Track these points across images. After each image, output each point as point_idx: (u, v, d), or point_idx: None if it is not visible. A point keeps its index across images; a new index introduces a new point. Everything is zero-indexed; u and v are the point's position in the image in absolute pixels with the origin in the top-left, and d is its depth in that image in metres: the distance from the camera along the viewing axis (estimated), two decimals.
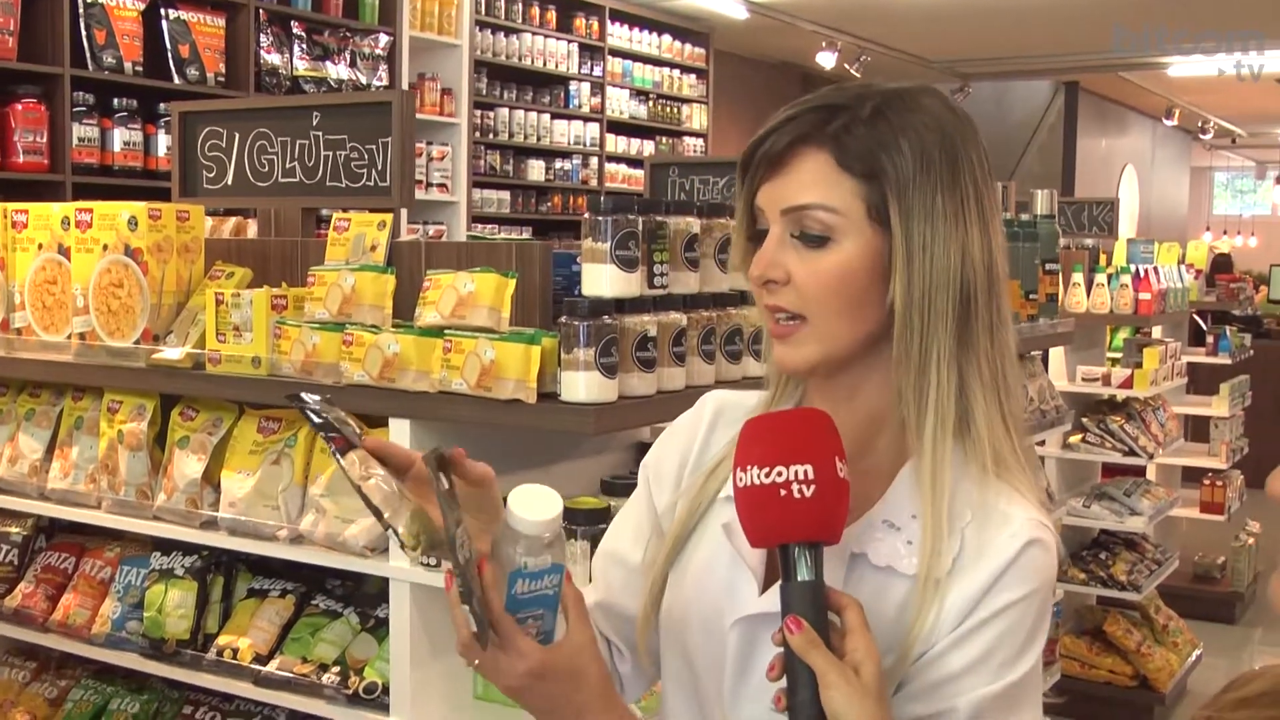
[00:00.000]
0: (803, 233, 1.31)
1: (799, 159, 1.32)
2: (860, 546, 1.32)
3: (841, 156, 1.30)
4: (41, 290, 3.01)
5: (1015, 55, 13.88)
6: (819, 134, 1.31)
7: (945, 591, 1.28)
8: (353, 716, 2.56)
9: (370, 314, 2.55)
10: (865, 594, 1.29)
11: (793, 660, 1.17)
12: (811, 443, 1.21)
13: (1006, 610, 1.27)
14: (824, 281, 1.30)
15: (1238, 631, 7.01)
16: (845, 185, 1.30)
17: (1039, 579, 1.29)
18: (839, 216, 1.30)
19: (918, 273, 1.29)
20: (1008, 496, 1.31)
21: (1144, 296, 5.83)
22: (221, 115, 3.24)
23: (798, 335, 1.33)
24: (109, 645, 2.90)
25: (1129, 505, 5.69)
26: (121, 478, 2.90)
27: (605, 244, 2.30)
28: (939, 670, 1.27)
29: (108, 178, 5.89)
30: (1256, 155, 24.04)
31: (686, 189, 4.50)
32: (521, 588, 1.25)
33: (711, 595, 1.39)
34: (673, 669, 1.44)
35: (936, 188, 1.30)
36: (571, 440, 2.72)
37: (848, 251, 1.30)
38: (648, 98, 10.65)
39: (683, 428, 1.54)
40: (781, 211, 1.32)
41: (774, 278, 1.32)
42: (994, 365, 1.33)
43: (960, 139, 1.33)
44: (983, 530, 1.29)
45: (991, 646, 1.27)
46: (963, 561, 1.28)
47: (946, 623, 1.27)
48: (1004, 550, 1.28)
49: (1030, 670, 1.29)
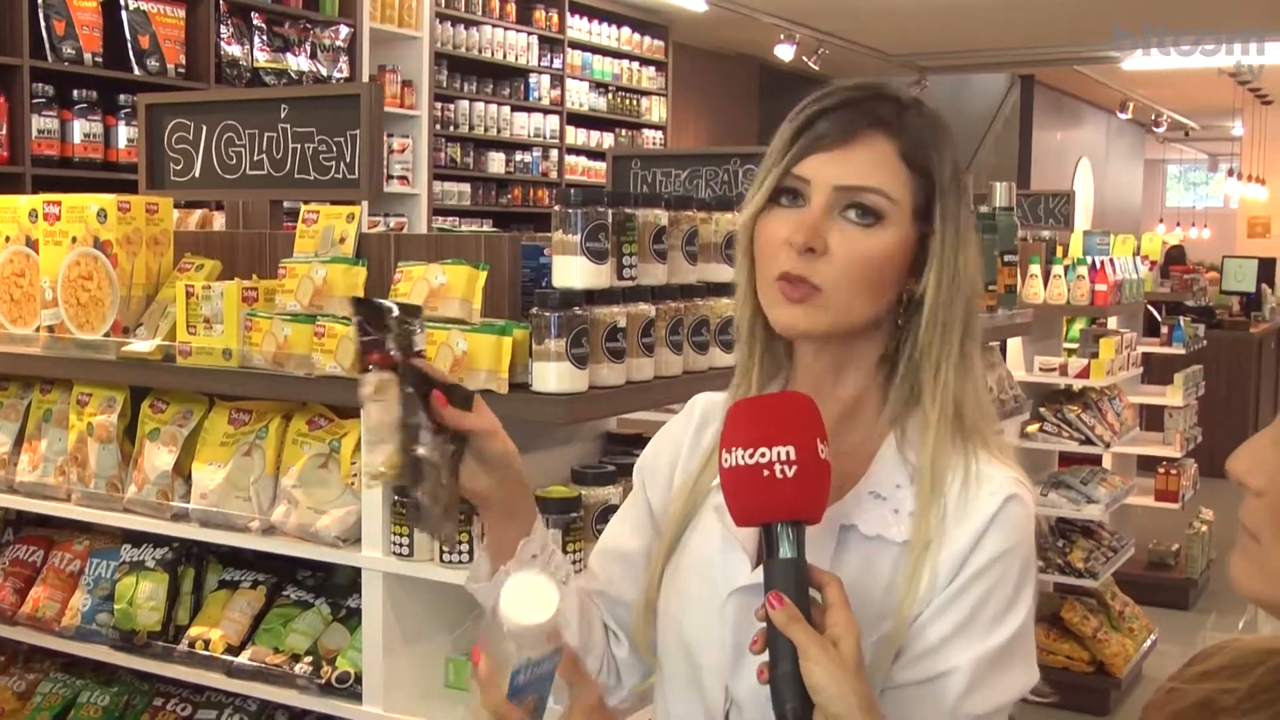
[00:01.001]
0: (855, 209, 1.35)
1: (864, 141, 1.36)
2: (849, 519, 1.37)
3: (906, 147, 1.36)
4: (9, 283, 3.01)
5: (972, 49, 13.98)
6: (887, 120, 1.36)
7: (936, 554, 1.33)
8: (326, 706, 2.58)
9: (341, 305, 2.57)
10: (856, 564, 1.35)
11: (775, 635, 1.21)
12: (794, 425, 1.25)
13: (991, 566, 1.33)
14: (859, 261, 1.35)
15: (1191, 617, 7.12)
16: (902, 176, 1.36)
17: (1019, 533, 1.35)
18: (892, 204, 1.35)
19: (947, 275, 1.37)
20: (984, 458, 1.38)
21: (1100, 288, 5.91)
22: (189, 107, 3.24)
23: (813, 301, 1.36)
24: (79, 638, 2.91)
25: (1086, 493, 5.77)
26: (91, 470, 2.90)
27: (575, 236, 2.33)
28: (933, 634, 1.33)
29: (68, 170, 5.85)
30: (1208, 148, 24.30)
31: (649, 181, 4.52)
32: (522, 679, 1.26)
33: (708, 575, 1.43)
34: (672, 651, 1.48)
35: (960, 199, 1.39)
36: (540, 430, 2.75)
37: (890, 238, 1.36)
38: (607, 90, 10.66)
39: (673, 429, 1.60)
40: (836, 188, 1.35)
41: (815, 246, 1.35)
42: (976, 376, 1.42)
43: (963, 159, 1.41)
44: (963, 491, 1.36)
45: (979, 604, 1.33)
46: (947, 523, 1.35)
47: (937, 582, 1.33)
48: (984, 508, 1.34)
49: (1022, 623, 1.35)
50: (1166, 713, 1.09)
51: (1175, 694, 1.10)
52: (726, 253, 2.73)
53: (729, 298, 2.71)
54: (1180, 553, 7.38)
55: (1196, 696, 1.07)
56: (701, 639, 1.43)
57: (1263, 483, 0.94)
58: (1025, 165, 15.96)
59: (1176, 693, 1.10)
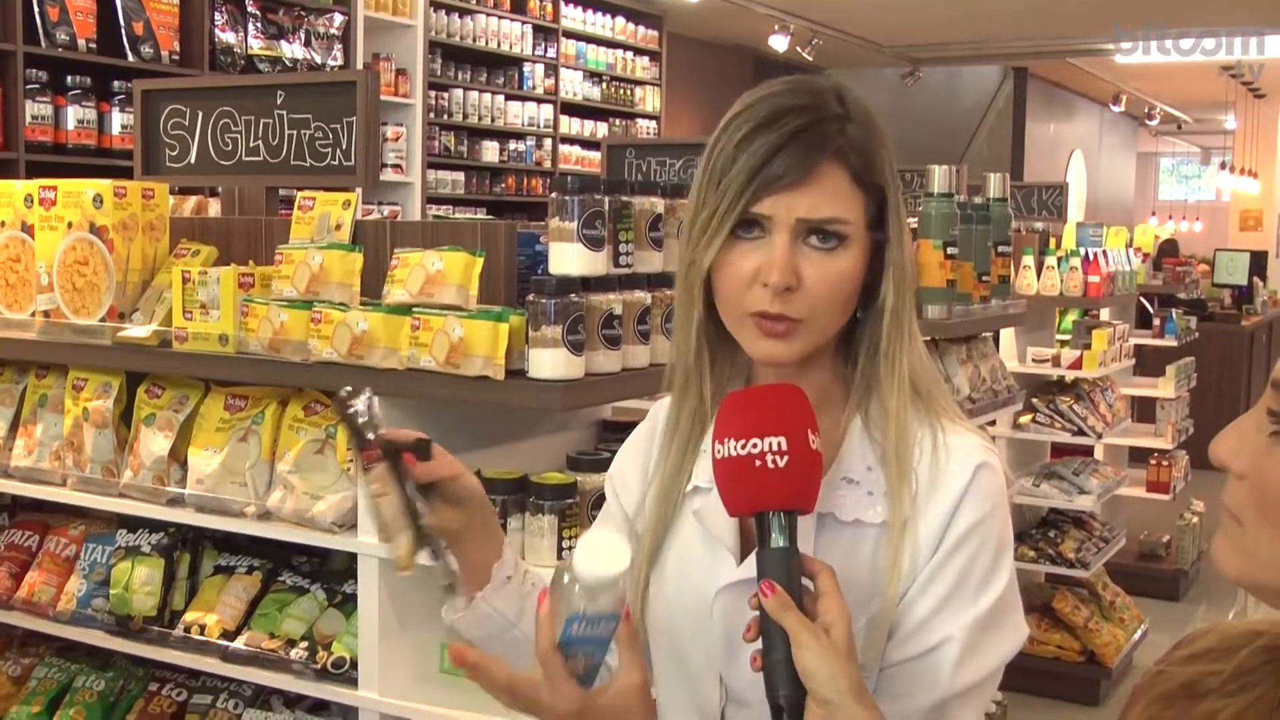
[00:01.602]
0: (820, 236, 1.35)
1: (819, 174, 1.35)
2: (826, 506, 1.37)
3: (855, 171, 1.36)
4: (4, 268, 3.01)
5: (965, 41, 13.98)
6: (831, 146, 1.35)
7: (914, 531, 1.36)
8: (321, 691, 2.59)
9: (338, 292, 2.57)
10: (839, 549, 1.36)
11: (767, 622, 1.22)
12: (785, 416, 1.26)
13: (970, 535, 1.36)
14: (832, 285, 1.36)
15: (1182, 608, 7.15)
16: (858, 198, 1.37)
17: (991, 500, 1.38)
18: (850, 225, 1.36)
19: (897, 274, 1.40)
20: (947, 429, 1.41)
21: (1093, 279, 5.93)
22: (184, 94, 3.24)
23: (794, 334, 1.37)
24: (75, 623, 2.91)
25: (1078, 484, 5.79)
26: (87, 455, 2.90)
27: (572, 223, 2.33)
28: (922, 607, 1.35)
29: (61, 156, 5.83)
30: (1201, 141, 24.35)
31: (644, 170, 4.53)
32: (576, 630, 1.27)
33: (693, 577, 1.44)
34: (663, 655, 1.49)
35: (898, 194, 1.40)
36: (534, 417, 2.76)
37: (852, 257, 1.37)
38: (601, 79, 10.66)
39: (639, 437, 1.61)
40: (799, 219, 1.34)
41: (791, 285, 1.35)
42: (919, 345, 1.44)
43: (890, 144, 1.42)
44: (933, 465, 1.38)
45: (963, 572, 1.35)
46: (920, 499, 1.37)
47: (919, 558, 1.35)
48: (956, 479, 1.37)
49: (1006, 586, 1.37)
50: (1153, 695, 1.10)
51: (1162, 676, 1.11)
52: None
53: None
54: (1171, 544, 7.41)
55: (1183, 679, 1.08)
56: (692, 641, 1.44)
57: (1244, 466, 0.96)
58: (1018, 157, 15.97)
59: (1164, 675, 1.11)
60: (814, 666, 1.19)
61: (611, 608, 1.28)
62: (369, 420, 1.43)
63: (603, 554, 1.27)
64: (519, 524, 2.38)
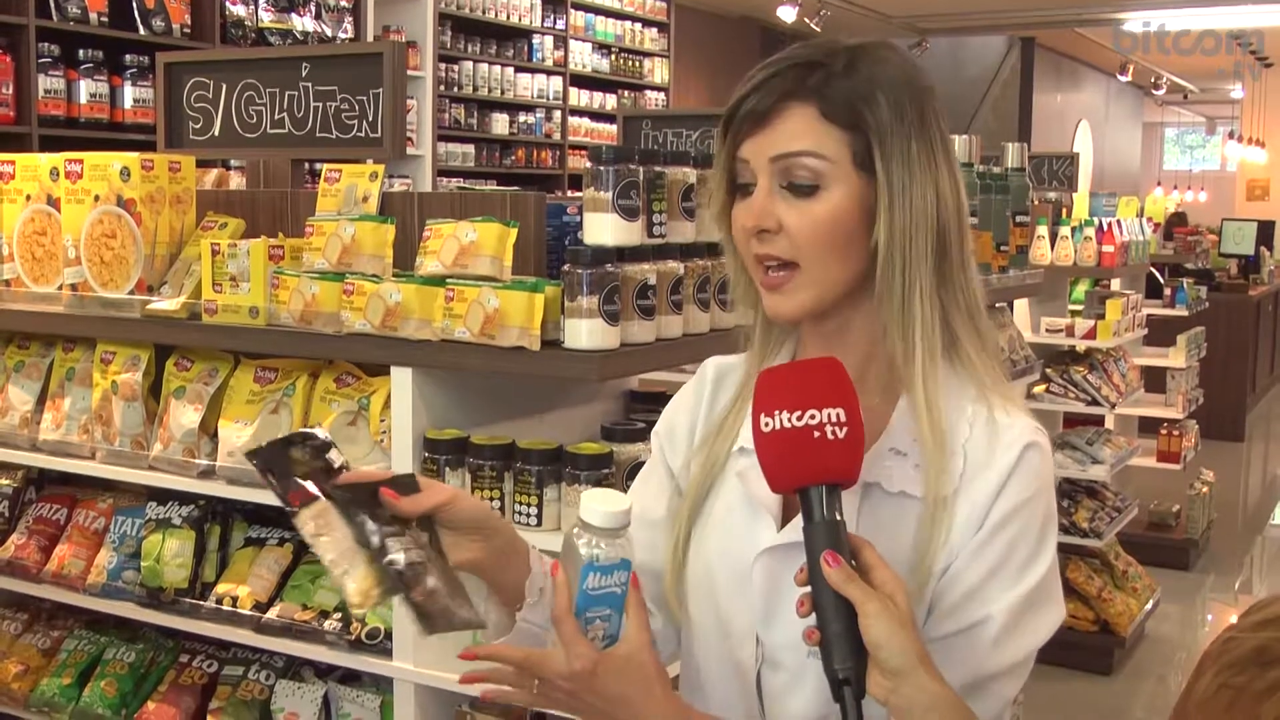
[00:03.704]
0: (791, 182, 1.36)
1: (785, 113, 1.37)
2: (872, 476, 1.38)
3: (825, 108, 1.36)
4: (30, 241, 3.01)
5: (973, 11, 13.93)
6: (801, 89, 1.37)
7: (957, 507, 1.35)
8: (356, 662, 2.60)
9: (370, 263, 2.57)
10: (882, 520, 1.37)
11: (823, 595, 1.22)
12: (837, 387, 1.26)
13: (1016, 514, 1.35)
14: (816, 228, 1.36)
15: (1191, 578, 7.16)
16: (832, 135, 1.36)
17: (1040, 480, 1.37)
18: (828, 163, 1.36)
19: (899, 215, 1.36)
20: (1000, 408, 1.40)
21: (1107, 249, 5.92)
22: (208, 66, 3.23)
23: (791, 284, 1.39)
24: (105, 595, 2.92)
25: (1091, 454, 5.80)
26: (116, 428, 2.91)
27: (607, 193, 2.33)
28: (964, 583, 1.34)
29: (74, 130, 5.83)
30: (1207, 111, 24.27)
31: (659, 141, 4.52)
32: (593, 581, 1.29)
33: (735, 539, 1.45)
34: (701, 615, 1.49)
35: (910, 134, 1.37)
36: (564, 388, 2.76)
37: (837, 198, 1.36)
38: (610, 51, 10.62)
39: (688, 393, 1.61)
40: (771, 159, 1.37)
41: (767, 226, 1.37)
42: (969, 296, 1.42)
43: (922, 89, 1.40)
44: (983, 443, 1.37)
45: (1008, 551, 1.35)
46: (968, 476, 1.36)
47: (964, 534, 1.35)
48: (1005, 458, 1.36)
49: (1049, 568, 1.37)
50: (1223, 662, 1.10)
51: (1233, 643, 1.11)
52: None
53: None
54: (1181, 514, 7.42)
55: (1254, 644, 1.07)
56: (730, 602, 1.45)
57: None
58: (1025, 128, 15.93)
59: (1234, 642, 1.11)
60: (883, 636, 1.20)
61: (619, 553, 1.30)
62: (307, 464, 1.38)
63: (604, 501, 1.30)
64: (555, 494, 2.39)
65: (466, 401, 2.56)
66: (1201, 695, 1.00)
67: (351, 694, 2.71)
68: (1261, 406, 12.22)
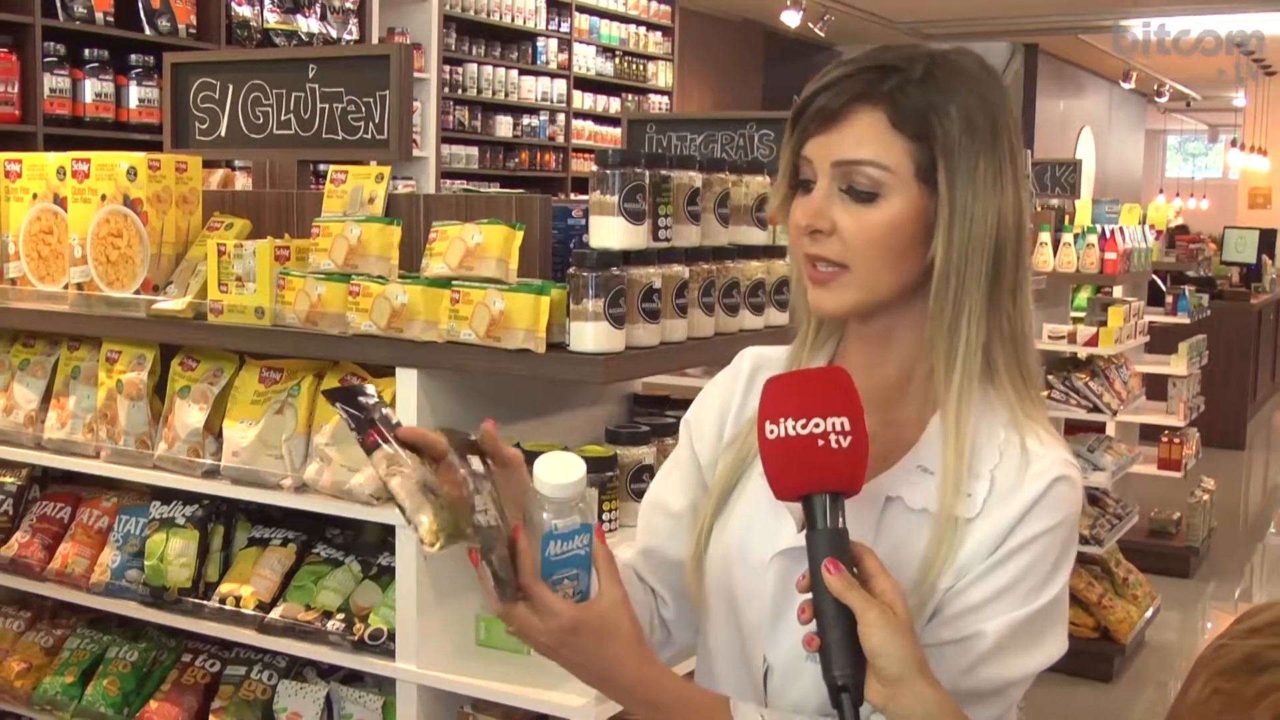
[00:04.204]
0: (851, 187, 1.36)
1: (853, 115, 1.36)
2: (896, 490, 1.37)
3: (895, 116, 1.35)
4: (37, 240, 3.02)
5: (976, 17, 13.95)
6: (874, 92, 1.35)
7: (975, 529, 1.34)
8: (359, 663, 2.60)
9: (376, 265, 2.58)
10: (898, 535, 1.36)
11: (824, 602, 1.22)
12: (842, 397, 1.26)
13: (1034, 541, 1.34)
14: (870, 236, 1.36)
15: (1192, 585, 7.17)
16: (897, 144, 1.35)
17: (1065, 511, 1.36)
18: (889, 174, 1.35)
19: (959, 233, 1.35)
20: (1034, 437, 1.38)
21: (1110, 256, 5.93)
22: (215, 67, 3.24)
23: (838, 281, 1.39)
24: (109, 594, 2.92)
25: (1093, 461, 5.80)
26: (121, 427, 2.91)
27: (613, 197, 2.33)
28: (968, 598, 1.34)
29: (79, 129, 5.84)
30: (1209, 119, 24.27)
31: (664, 145, 4.52)
32: (554, 549, 1.31)
33: (755, 537, 1.44)
34: (717, 608, 1.50)
35: (979, 153, 1.35)
36: (567, 391, 2.77)
37: (895, 208, 1.35)
38: (614, 55, 10.64)
39: (721, 383, 1.60)
40: (833, 164, 1.36)
41: (820, 227, 1.37)
42: (1015, 322, 1.39)
43: (1000, 104, 1.38)
44: (1012, 471, 1.36)
45: (1019, 575, 1.33)
46: (992, 501, 1.35)
47: (977, 556, 1.33)
48: (1032, 487, 1.34)
49: (1055, 598, 1.36)
50: (1214, 668, 1.11)
51: (1224, 650, 1.11)
52: (757, 215, 2.74)
53: (759, 260, 2.73)
54: (1181, 521, 7.42)
55: (1244, 652, 1.08)
56: (746, 598, 1.45)
57: None
58: (1028, 134, 15.92)
59: (1225, 649, 1.11)
60: (883, 644, 1.20)
61: (580, 521, 1.33)
62: (372, 408, 1.39)
63: (556, 472, 1.33)
64: None
65: (471, 403, 2.56)
66: (1194, 701, 1.01)
67: (354, 694, 2.71)
68: (1262, 414, 12.24)
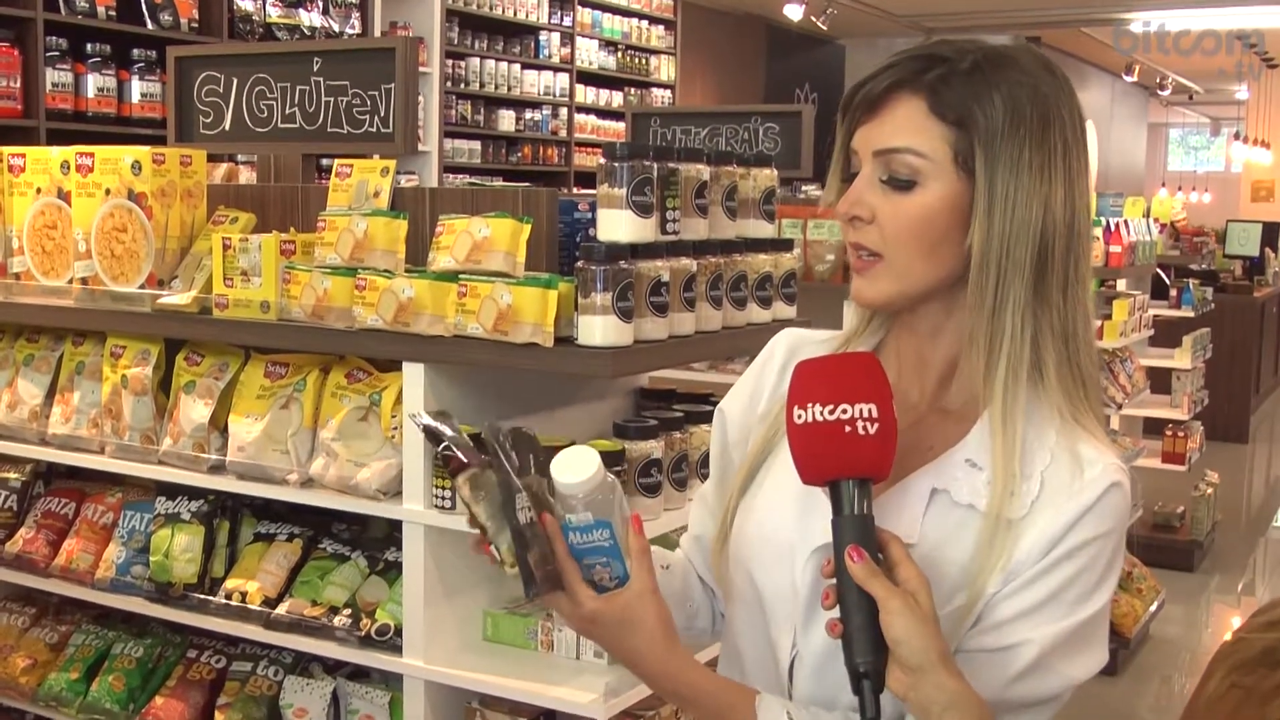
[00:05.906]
0: (891, 176, 1.36)
1: (894, 103, 1.36)
2: (942, 483, 1.36)
3: (934, 103, 1.34)
4: (41, 235, 3.00)
5: (979, 10, 13.92)
6: (916, 80, 1.35)
7: (1023, 531, 1.31)
8: (366, 658, 2.59)
9: (382, 259, 2.57)
10: (945, 529, 1.34)
11: (847, 589, 1.22)
12: (871, 384, 1.26)
13: (1084, 548, 1.31)
14: (905, 223, 1.35)
15: (1196, 579, 7.16)
16: (935, 131, 1.34)
17: (1116, 519, 1.33)
18: (926, 161, 1.34)
19: (998, 222, 1.33)
20: (1086, 441, 1.35)
21: (1114, 249, 5.92)
22: (219, 60, 3.22)
23: (874, 270, 1.38)
24: (114, 590, 2.91)
25: None
26: (125, 422, 2.90)
27: (622, 190, 2.32)
28: (1014, 605, 1.31)
29: (81, 124, 5.82)
30: (1211, 112, 24.24)
31: (668, 138, 4.51)
32: (575, 539, 1.35)
33: (783, 524, 1.43)
34: (740, 592, 1.49)
35: (1025, 142, 1.33)
36: (574, 385, 2.76)
37: (932, 195, 1.35)
38: (617, 49, 10.62)
39: (753, 369, 1.60)
40: (873, 153, 1.37)
41: (859, 214, 1.38)
42: (1066, 320, 1.37)
43: (1054, 97, 1.36)
44: (1064, 474, 1.33)
45: (1066, 583, 1.31)
46: (1042, 503, 1.32)
47: (1026, 561, 1.31)
48: (1085, 492, 1.32)
49: (1100, 609, 1.33)
50: (1232, 662, 1.10)
51: (1242, 644, 1.11)
52: (764, 209, 2.73)
53: (767, 253, 2.72)
54: (1185, 515, 7.41)
55: (1262, 645, 1.07)
56: (771, 587, 1.43)
57: None
58: None
59: (1243, 643, 1.10)
60: (904, 633, 1.19)
61: (594, 517, 1.34)
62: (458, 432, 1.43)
63: (572, 466, 1.35)
64: None
65: (479, 397, 2.55)
66: (1211, 696, 1.01)
67: (361, 690, 2.70)
68: (1266, 408, 12.22)
